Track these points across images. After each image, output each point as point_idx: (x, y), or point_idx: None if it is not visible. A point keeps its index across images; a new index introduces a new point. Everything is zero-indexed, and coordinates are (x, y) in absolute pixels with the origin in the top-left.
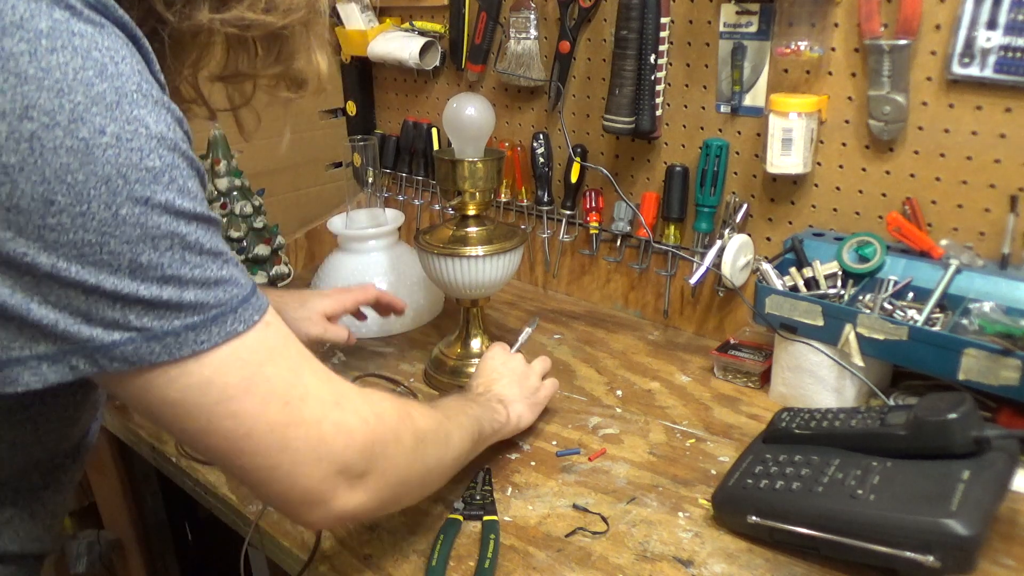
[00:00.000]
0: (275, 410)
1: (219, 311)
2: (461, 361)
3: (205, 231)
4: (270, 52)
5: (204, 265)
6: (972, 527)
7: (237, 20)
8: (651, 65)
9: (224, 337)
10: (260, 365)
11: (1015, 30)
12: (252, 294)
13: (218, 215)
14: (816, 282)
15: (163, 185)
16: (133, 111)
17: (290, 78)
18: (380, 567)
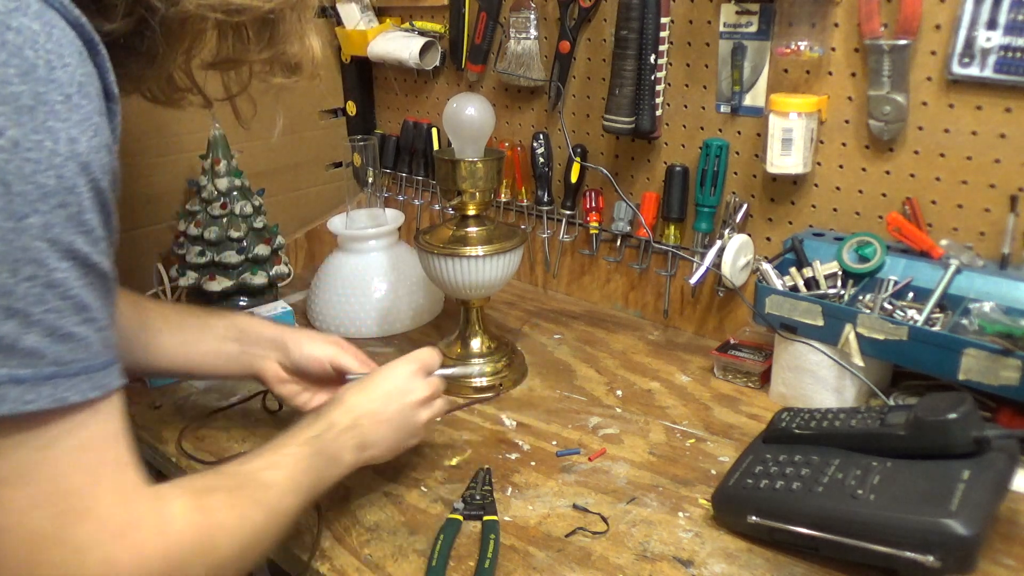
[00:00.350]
0: (42, 517)
1: (55, 370)
2: (461, 361)
3: (80, 275)
4: (261, 37)
5: (61, 311)
6: (972, 527)
7: (224, 5)
8: (651, 65)
9: (51, 403)
10: (63, 453)
11: (1015, 30)
12: (102, 369)
13: (108, 270)
14: (816, 282)
15: (49, 207)
16: (47, 122)
17: (283, 63)
18: (380, 567)
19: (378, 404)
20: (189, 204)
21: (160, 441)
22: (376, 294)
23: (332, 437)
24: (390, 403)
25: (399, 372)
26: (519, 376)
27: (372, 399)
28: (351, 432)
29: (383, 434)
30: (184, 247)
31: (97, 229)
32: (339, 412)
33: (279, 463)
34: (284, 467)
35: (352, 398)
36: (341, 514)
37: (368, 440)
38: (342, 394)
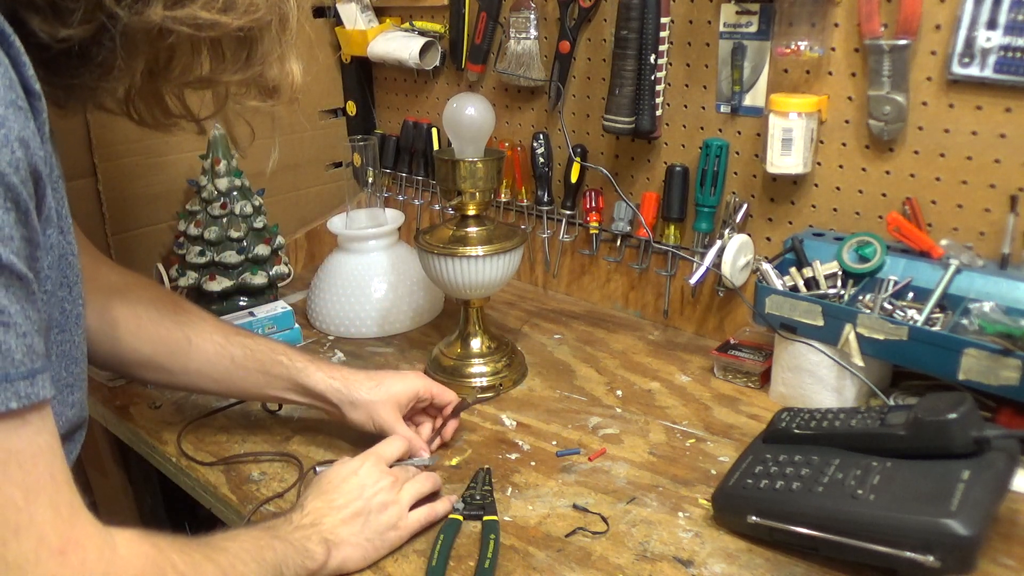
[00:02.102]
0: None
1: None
2: (461, 361)
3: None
4: (238, 57)
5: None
6: (972, 527)
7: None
8: (651, 65)
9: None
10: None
11: (1015, 30)
12: (24, 378)
13: (25, 272)
14: (816, 282)
15: None
16: None
17: (260, 85)
18: (380, 567)
19: (338, 501)
20: (189, 204)
21: (160, 441)
22: (376, 294)
23: (291, 530)
24: (351, 501)
25: (358, 467)
26: (519, 376)
27: (330, 498)
28: (313, 529)
29: (351, 531)
30: (184, 247)
31: (8, 228)
32: (297, 514)
33: (236, 535)
34: (241, 539)
35: (310, 503)
36: None
37: (335, 537)
38: (302, 500)
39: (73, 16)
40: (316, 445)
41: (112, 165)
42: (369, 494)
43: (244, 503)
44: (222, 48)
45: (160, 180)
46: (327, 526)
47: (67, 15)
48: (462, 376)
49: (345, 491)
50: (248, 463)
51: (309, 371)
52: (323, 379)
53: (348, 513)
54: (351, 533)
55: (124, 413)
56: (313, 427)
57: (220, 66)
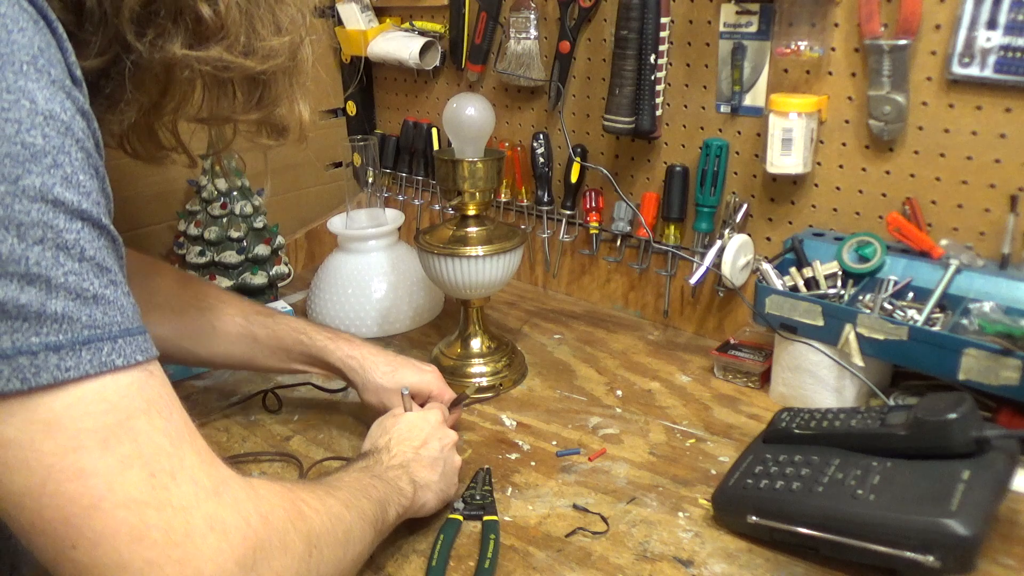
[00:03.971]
0: (136, 480)
1: (93, 333)
2: (461, 361)
3: (93, 237)
4: (251, 97)
5: (82, 274)
6: (972, 527)
7: (214, 60)
8: (651, 65)
9: (96, 368)
10: (131, 416)
11: (1015, 30)
12: (140, 332)
13: (117, 234)
14: (816, 282)
15: (44, 167)
16: (18, 81)
17: (271, 125)
18: (380, 567)
19: (423, 450)
20: (189, 204)
21: None
22: (376, 294)
23: (383, 469)
24: (432, 447)
25: (432, 419)
26: (519, 376)
27: (415, 445)
28: (402, 469)
29: (434, 477)
30: (184, 247)
31: (95, 193)
32: (386, 455)
33: (340, 478)
34: (348, 480)
35: (395, 445)
36: None
37: (420, 479)
38: (383, 443)
39: (90, 48)
40: (316, 445)
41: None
42: (440, 446)
43: None
44: (234, 88)
45: (160, 180)
46: (413, 469)
47: (84, 46)
48: (462, 376)
49: (424, 438)
50: (248, 463)
51: (329, 349)
52: (343, 358)
53: (428, 460)
54: (430, 479)
55: None
56: (313, 427)
57: (232, 105)
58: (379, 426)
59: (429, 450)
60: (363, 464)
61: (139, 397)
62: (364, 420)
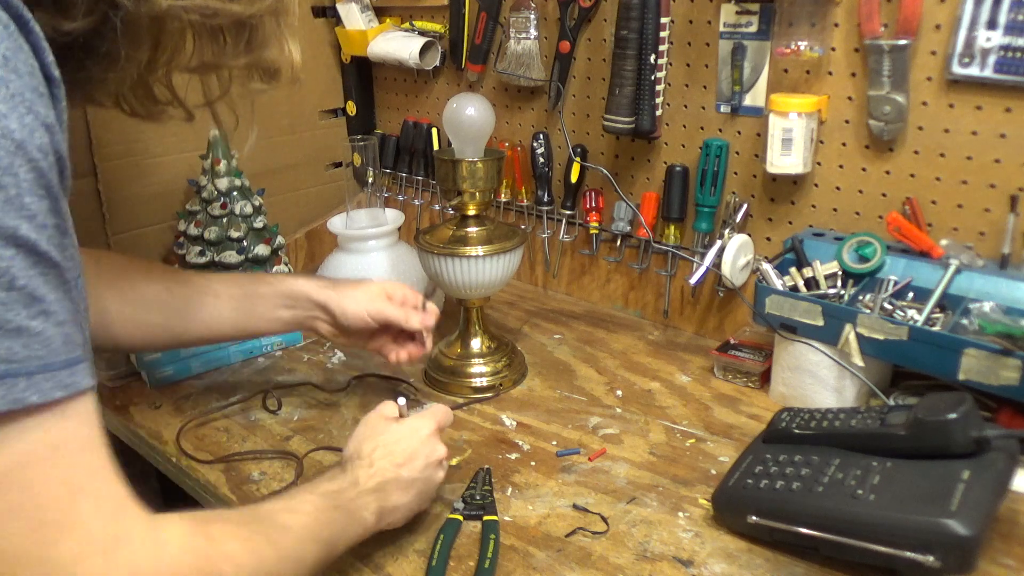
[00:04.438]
0: (17, 531)
1: (8, 368)
2: (461, 361)
3: (27, 265)
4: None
5: (7, 304)
6: (972, 527)
7: (200, 7)
8: (651, 65)
9: (6, 405)
10: (29, 463)
11: (1015, 30)
12: (65, 367)
13: (59, 259)
14: (816, 282)
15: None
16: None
17: (262, 68)
18: (380, 567)
19: (404, 469)
20: (189, 204)
21: (160, 441)
22: None
23: (354, 495)
24: (415, 466)
25: (422, 432)
26: (519, 376)
27: (398, 462)
28: (375, 495)
29: (406, 500)
30: (184, 247)
31: (41, 215)
32: (364, 472)
33: (297, 508)
34: (303, 513)
35: (378, 460)
36: None
37: (390, 505)
38: (367, 451)
39: (76, 8)
40: (316, 444)
41: (112, 165)
42: (424, 464)
43: (244, 503)
44: (223, 34)
45: (160, 180)
46: (388, 491)
47: (70, 8)
48: (462, 376)
49: (410, 455)
50: (248, 462)
51: (299, 282)
52: (314, 288)
53: (407, 481)
54: (403, 502)
55: (124, 413)
56: (313, 427)
57: (222, 51)
58: (367, 427)
59: (411, 469)
60: (335, 486)
61: (42, 441)
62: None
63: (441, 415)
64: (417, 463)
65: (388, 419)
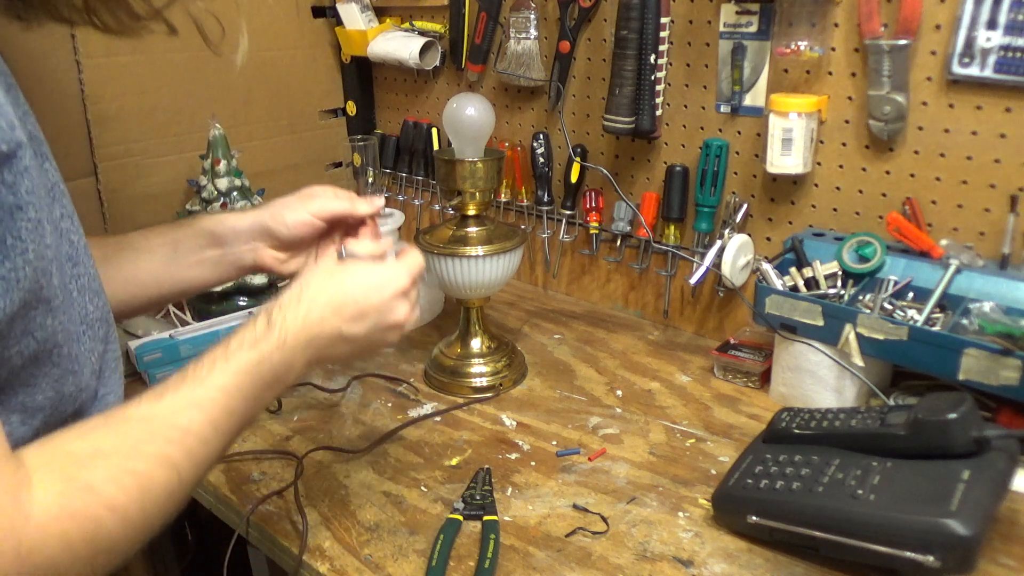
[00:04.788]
0: None
1: None
2: (461, 361)
3: None
4: None
5: None
6: (972, 527)
7: None
8: (651, 65)
9: None
10: None
11: (1015, 30)
12: None
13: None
14: (816, 282)
15: None
16: None
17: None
18: (380, 567)
19: (349, 325)
20: (189, 204)
21: None
22: None
23: (279, 360)
24: (362, 325)
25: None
26: (519, 376)
27: (345, 316)
28: (304, 351)
29: (341, 353)
30: None
31: None
32: (297, 323)
33: (202, 401)
34: (208, 407)
35: (320, 309)
36: (341, 514)
37: (322, 357)
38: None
39: None
40: (316, 444)
41: (112, 165)
42: (374, 325)
43: (244, 503)
44: None
45: (160, 180)
46: (320, 348)
47: None
48: (462, 376)
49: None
50: (248, 462)
51: (221, 218)
52: (239, 218)
53: (348, 336)
54: (338, 354)
55: None
56: (313, 427)
57: None
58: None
59: (359, 327)
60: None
61: None
62: (364, 420)
63: (416, 267)
64: (367, 322)
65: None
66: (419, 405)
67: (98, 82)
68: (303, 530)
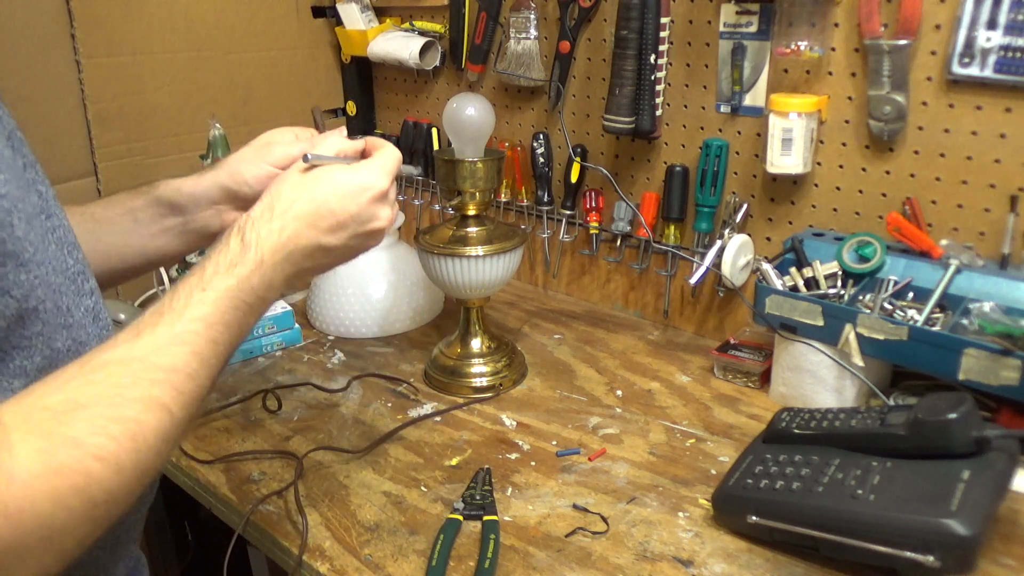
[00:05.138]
0: None
1: None
2: (461, 361)
3: None
4: None
5: None
6: (972, 527)
7: None
8: (651, 65)
9: None
10: None
11: (1015, 30)
12: None
13: None
14: (816, 282)
15: None
16: None
17: None
18: (380, 567)
19: (328, 236)
20: None
21: None
22: (376, 294)
23: (257, 282)
24: (343, 234)
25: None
26: (519, 376)
27: (323, 227)
28: (283, 267)
29: (320, 264)
30: None
31: None
32: (273, 240)
33: (183, 336)
34: (191, 340)
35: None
36: (341, 514)
37: (301, 269)
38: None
39: None
40: (316, 444)
41: (112, 165)
42: (353, 233)
43: (244, 502)
44: None
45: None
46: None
47: None
48: (462, 376)
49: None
50: (248, 462)
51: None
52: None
53: (326, 247)
54: (317, 265)
55: None
56: (313, 427)
57: None
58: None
59: (339, 237)
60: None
61: None
62: (364, 420)
63: (392, 165)
64: (346, 231)
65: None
66: (419, 405)
67: (98, 82)
68: (303, 530)
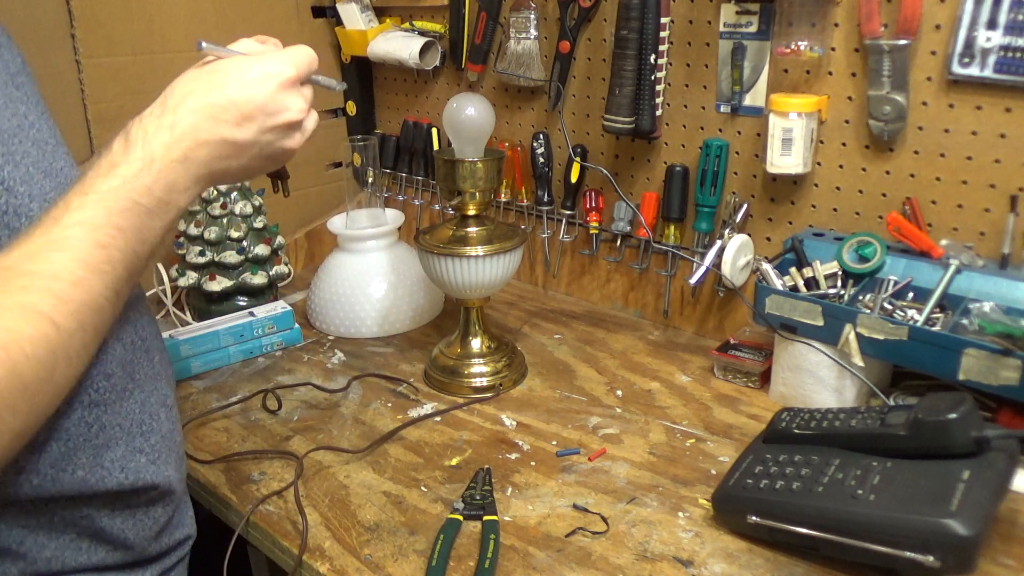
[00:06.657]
0: None
1: None
2: (461, 361)
3: None
4: None
5: None
6: (972, 527)
7: None
8: (651, 65)
9: None
10: None
11: (1015, 30)
12: None
13: None
14: (816, 282)
15: None
16: None
17: None
18: (380, 567)
19: (232, 130)
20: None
21: None
22: (376, 294)
23: (151, 181)
24: (250, 128)
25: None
26: (519, 376)
27: (224, 119)
28: (184, 167)
29: (236, 166)
30: (184, 247)
31: None
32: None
33: (60, 241)
34: (71, 245)
35: (191, 115)
36: (341, 514)
37: (212, 171)
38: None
39: None
40: (316, 444)
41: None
42: (261, 127)
43: (244, 503)
44: None
45: None
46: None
47: None
48: (462, 376)
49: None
50: (248, 462)
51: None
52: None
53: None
54: (233, 167)
55: None
56: (313, 427)
57: None
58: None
59: (246, 131)
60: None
61: None
62: (364, 420)
63: (300, 56)
64: (254, 124)
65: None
66: (419, 405)
67: (98, 82)
68: (303, 530)
